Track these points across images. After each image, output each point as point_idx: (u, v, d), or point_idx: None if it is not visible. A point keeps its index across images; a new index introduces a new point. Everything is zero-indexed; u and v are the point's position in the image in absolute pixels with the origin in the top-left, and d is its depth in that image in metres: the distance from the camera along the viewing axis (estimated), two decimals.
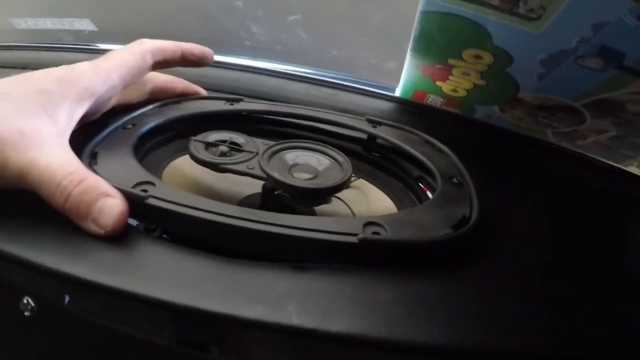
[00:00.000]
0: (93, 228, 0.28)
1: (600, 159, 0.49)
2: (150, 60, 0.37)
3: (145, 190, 0.29)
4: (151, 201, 0.28)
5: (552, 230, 0.37)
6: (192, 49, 0.41)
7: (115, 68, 0.35)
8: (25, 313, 0.29)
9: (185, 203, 0.28)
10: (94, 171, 0.30)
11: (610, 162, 0.49)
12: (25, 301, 0.29)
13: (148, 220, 0.30)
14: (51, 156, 0.28)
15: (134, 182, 0.30)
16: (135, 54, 0.36)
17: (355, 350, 0.25)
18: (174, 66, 0.41)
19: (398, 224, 0.29)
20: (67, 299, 0.27)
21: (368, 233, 0.28)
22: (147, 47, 0.37)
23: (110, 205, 0.28)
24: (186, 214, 0.28)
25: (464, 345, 0.24)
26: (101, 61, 0.35)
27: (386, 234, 0.28)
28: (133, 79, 0.36)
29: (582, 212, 0.41)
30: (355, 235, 0.28)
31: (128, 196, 0.29)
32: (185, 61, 0.41)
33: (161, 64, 0.39)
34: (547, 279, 0.31)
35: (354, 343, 0.24)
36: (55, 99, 0.31)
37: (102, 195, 0.28)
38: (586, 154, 0.49)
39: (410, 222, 0.30)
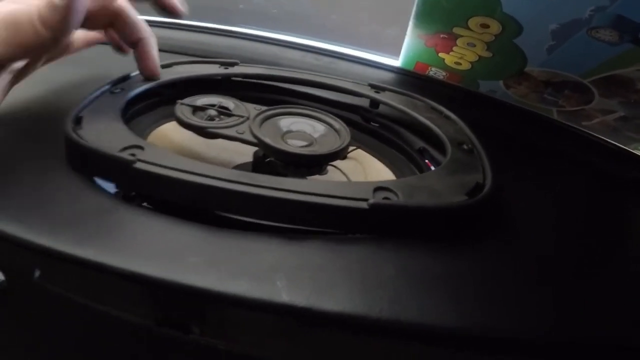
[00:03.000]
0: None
1: (607, 139, 0.47)
2: None
3: (133, 155, 0.27)
4: (140, 165, 0.26)
5: (557, 206, 0.35)
6: None
7: None
8: None
9: (178, 167, 0.26)
10: (78, 136, 0.28)
11: (616, 144, 0.47)
12: None
13: (136, 186, 0.28)
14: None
15: (122, 146, 0.28)
16: None
17: (352, 333, 0.22)
18: None
19: (410, 189, 0.28)
20: (37, 272, 0.26)
21: (379, 198, 0.26)
22: None
23: None
24: (178, 178, 0.26)
25: (471, 330, 0.22)
26: None
27: (397, 199, 0.27)
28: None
29: (587, 192, 0.40)
30: (365, 200, 0.26)
31: (115, 161, 0.27)
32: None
33: None
34: (556, 258, 0.29)
35: (351, 324, 0.22)
36: None
37: None
38: (593, 134, 0.47)
39: (423, 188, 0.28)
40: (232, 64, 0.42)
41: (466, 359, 0.23)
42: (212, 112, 0.34)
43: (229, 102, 0.35)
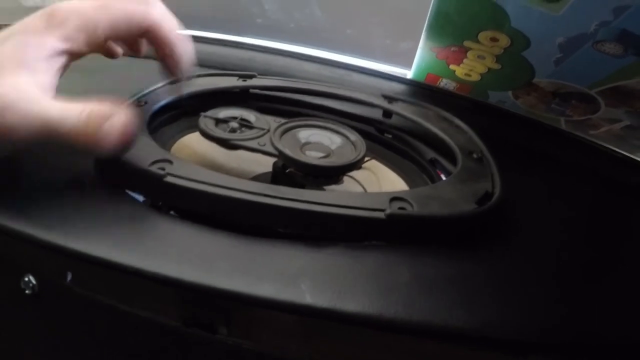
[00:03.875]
0: (105, 147, 0.27)
1: (614, 148, 0.48)
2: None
3: (162, 168, 0.28)
4: (169, 179, 0.28)
5: (565, 213, 0.36)
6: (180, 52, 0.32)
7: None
8: (27, 291, 0.29)
9: (205, 180, 0.28)
10: None
11: (623, 152, 0.48)
12: (26, 279, 0.28)
13: (166, 198, 0.29)
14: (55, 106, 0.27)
15: (151, 160, 0.29)
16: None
17: (371, 332, 0.24)
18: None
19: (423, 199, 0.29)
20: (69, 276, 0.27)
21: (395, 208, 0.28)
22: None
23: (117, 121, 0.27)
24: (206, 191, 0.27)
25: (483, 330, 0.24)
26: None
27: (412, 209, 0.28)
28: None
29: (594, 198, 0.41)
30: (382, 210, 0.27)
31: (145, 175, 0.28)
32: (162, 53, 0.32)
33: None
34: (563, 261, 0.30)
35: (370, 324, 0.23)
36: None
37: (109, 113, 0.27)
38: (599, 142, 0.48)
39: (435, 198, 0.29)
40: (250, 76, 0.43)
41: (476, 358, 0.25)
42: (234, 124, 0.35)
43: (250, 115, 0.37)
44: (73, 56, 0.30)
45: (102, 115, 0.27)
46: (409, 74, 0.52)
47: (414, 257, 0.27)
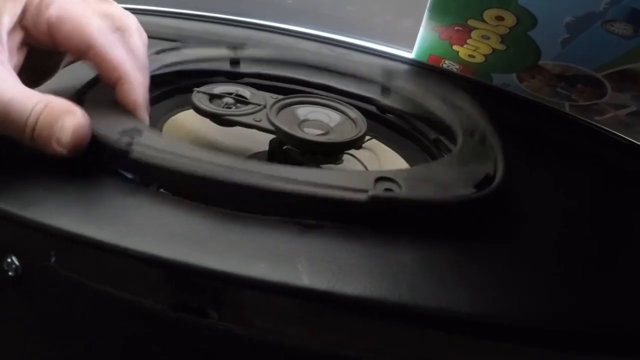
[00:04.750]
0: (58, 150, 0.26)
1: (619, 134, 0.47)
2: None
3: (130, 140, 0.26)
4: (136, 152, 0.26)
5: (568, 204, 0.35)
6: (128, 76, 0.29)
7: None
8: (10, 273, 0.27)
9: (173, 152, 0.26)
10: None
11: (628, 138, 0.47)
12: (9, 260, 0.27)
13: (134, 172, 0.27)
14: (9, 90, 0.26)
15: (119, 130, 0.27)
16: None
17: (374, 317, 0.22)
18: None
19: (414, 180, 0.27)
20: (53, 257, 0.25)
21: (380, 190, 0.25)
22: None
23: (70, 122, 0.26)
24: (171, 167, 0.25)
25: (491, 315, 0.22)
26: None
27: (400, 191, 0.26)
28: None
29: (598, 186, 0.40)
30: (365, 191, 0.25)
31: (111, 146, 0.26)
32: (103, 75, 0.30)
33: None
34: (567, 248, 0.29)
35: (373, 308, 0.22)
36: None
37: (64, 113, 0.26)
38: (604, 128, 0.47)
39: (428, 179, 0.27)
40: (241, 46, 0.41)
41: (480, 345, 0.24)
42: (229, 100, 0.34)
43: (246, 91, 0.35)
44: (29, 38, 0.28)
45: (62, 109, 0.26)
46: (410, 54, 0.50)
47: (413, 237, 0.25)
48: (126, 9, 0.33)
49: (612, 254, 0.30)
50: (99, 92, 0.31)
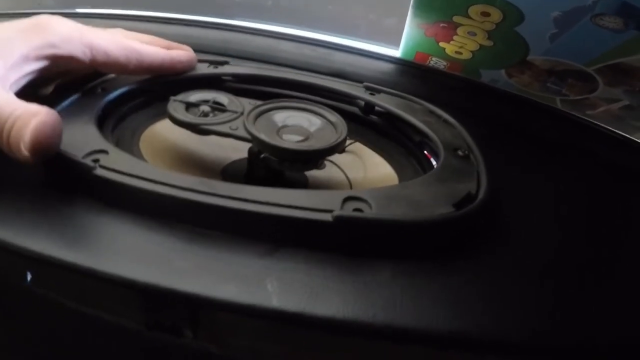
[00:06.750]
0: (24, 153, 0.25)
1: (612, 129, 0.46)
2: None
3: (96, 160, 0.26)
4: (99, 172, 0.26)
5: (561, 208, 0.34)
6: (178, 56, 0.37)
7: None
8: None
9: (137, 174, 0.26)
10: None
11: (622, 133, 0.46)
12: None
13: (99, 193, 0.27)
14: None
15: (86, 151, 0.27)
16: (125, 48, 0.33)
17: (348, 338, 0.22)
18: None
19: (386, 199, 0.26)
20: (28, 276, 0.25)
21: (348, 210, 0.24)
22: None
23: (33, 122, 0.25)
24: (135, 186, 0.25)
25: (470, 334, 0.21)
26: (89, 30, 0.32)
27: (370, 211, 0.25)
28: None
29: (592, 183, 0.39)
30: (330, 212, 0.24)
31: (77, 167, 0.26)
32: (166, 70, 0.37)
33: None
34: (555, 267, 0.28)
35: (346, 330, 0.21)
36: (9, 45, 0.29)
37: (32, 116, 0.25)
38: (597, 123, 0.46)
39: (402, 198, 0.26)
40: (222, 63, 0.40)
41: None
42: (206, 108, 0.33)
43: (223, 98, 0.34)
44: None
45: (32, 113, 0.25)
46: (397, 52, 0.49)
47: (381, 264, 0.24)
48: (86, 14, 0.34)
49: (603, 264, 0.29)
50: (71, 114, 0.31)
